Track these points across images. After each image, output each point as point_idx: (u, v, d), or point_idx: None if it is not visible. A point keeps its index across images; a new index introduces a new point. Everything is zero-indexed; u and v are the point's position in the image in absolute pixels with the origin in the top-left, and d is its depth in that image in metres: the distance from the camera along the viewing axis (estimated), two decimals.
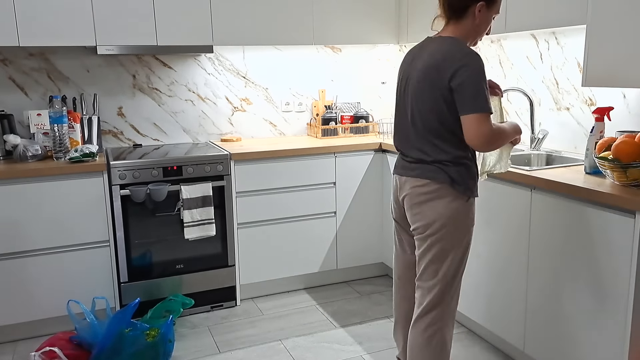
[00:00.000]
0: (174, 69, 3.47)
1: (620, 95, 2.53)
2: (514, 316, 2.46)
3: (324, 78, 3.84)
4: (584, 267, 2.09)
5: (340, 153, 3.32)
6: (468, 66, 1.85)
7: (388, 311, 3.11)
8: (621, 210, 1.93)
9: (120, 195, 2.87)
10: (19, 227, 2.72)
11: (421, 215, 2.00)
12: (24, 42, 2.80)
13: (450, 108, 1.90)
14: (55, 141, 2.90)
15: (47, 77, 3.20)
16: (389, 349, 2.71)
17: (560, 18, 2.42)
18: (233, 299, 3.22)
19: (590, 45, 2.18)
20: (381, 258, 3.56)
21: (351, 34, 3.50)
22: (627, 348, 1.95)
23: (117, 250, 2.92)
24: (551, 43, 2.86)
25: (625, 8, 2.04)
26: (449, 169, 1.94)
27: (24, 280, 2.76)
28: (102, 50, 2.94)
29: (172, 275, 3.05)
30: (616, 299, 1.97)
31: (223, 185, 3.07)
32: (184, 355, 2.69)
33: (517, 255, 2.41)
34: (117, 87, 3.35)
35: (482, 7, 1.92)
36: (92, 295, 2.73)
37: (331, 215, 3.38)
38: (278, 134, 3.79)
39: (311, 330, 2.93)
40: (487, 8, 1.94)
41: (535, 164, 2.84)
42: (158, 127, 3.49)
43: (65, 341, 2.42)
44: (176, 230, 3.01)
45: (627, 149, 2.02)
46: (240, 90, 3.64)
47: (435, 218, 1.97)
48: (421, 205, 2.00)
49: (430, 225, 1.98)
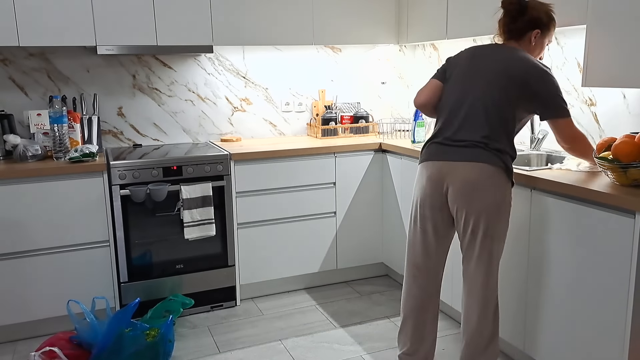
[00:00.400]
0: (174, 69, 3.47)
1: (620, 95, 2.53)
2: (514, 316, 2.46)
3: (323, 78, 3.84)
4: (583, 267, 2.09)
5: (340, 153, 3.32)
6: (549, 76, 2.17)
7: (388, 311, 3.11)
8: (621, 210, 1.93)
9: (120, 195, 2.87)
10: (19, 227, 2.72)
11: (479, 198, 2.11)
12: (24, 42, 2.80)
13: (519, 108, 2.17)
14: (55, 141, 2.90)
15: (47, 77, 3.20)
16: (389, 349, 2.71)
17: (560, 18, 2.41)
18: (233, 299, 3.22)
19: (590, 45, 2.18)
20: (381, 258, 3.56)
21: (351, 34, 3.50)
22: (627, 348, 1.95)
23: (117, 250, 2.92)
24: (551, 43, 2.86)
25: (625, 8, 2.04)
26: (504, 157, 2.13)
27: (23, 280, 2.76)
28: (102, 50, 2.94)
29: (172, 275, 3.05)
30: (616, 299, 1.97)
31: (223, 185, 3.07)
32: (184, 355, 2.69)
33: (517, 255, 2.40)
34: (117, 87, 3.35)
35: (537, 34, 2.25)
36: (92, 295, 2.73)
37: (331, 215, 3.38)
38: (278, 134, 3.79)
39: (311, 330, 2.93)
40: (542, 35, 2.26)
41: (535, 164, 2.84)
42: (158, 127, 3.49)
43: (65, 341, 2.42)
44: (176, 230, 3.01)
45: (626, 149, 2.02)
46: (240, 90, 3.65)
47: (491, 202, 2.11)
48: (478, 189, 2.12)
49: (485, 209, 2.11)
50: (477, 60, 2.24)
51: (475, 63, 2.23)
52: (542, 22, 2.23)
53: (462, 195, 2.12)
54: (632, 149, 2.01)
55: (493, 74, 2.16)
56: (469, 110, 2.15)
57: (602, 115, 2.63)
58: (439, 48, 3.73)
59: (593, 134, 2.69)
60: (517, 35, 2.24)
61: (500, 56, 2.20)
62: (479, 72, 2.19)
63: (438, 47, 3.73)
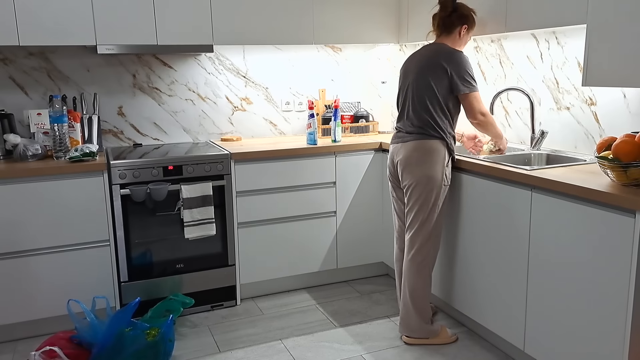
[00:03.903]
0: (174, 69, 3.47)
1: (620, 95, 2.53)
2: (514, 316, 2.46)
3: (324, 78, 3.84)
4: (584, 267, 2.09)
5: (340, 153, 3.32)
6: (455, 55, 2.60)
7: (388, 310, 3.11)
8: (621, 210, 1.93)
9: (121, 195, 2.87)
10: (19, 227, 2.72)
11: (411, 172, 2.66)
12: (24, 42, 2.80)
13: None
14: (56, 141, 2.90)
15: (47, 77, 3.20)
16: (389, 348, 2.71)
17: (560, 18, 2.42)
18: (233, 299, 3.22)
19: (590, 45, 2.18)
20: (381, 257, 3.56)
21: (351, 34, 3.50)
22: (627, 348, 1.95)
23: (117, 250, 2.92)
24: (551, 43, 2.86)
25: (625, 8, 2.04)
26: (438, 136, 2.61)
27: (24, 279, 2.76)
28: (102, 49, 2.94)
29: (172, 275, 3.05)
30: (616, 298, 1.97)
31: (223, 185, 3.07)
32: (184, 355, 2.69)
33: (517, 255, 2.41)
34: (117, 87, 3.35)
35: (465, 29, 2.68)
36: (93, 294, 2.74)
37: (331, 215, 3.38)
38: (278, 133, 3.79)
39: (311, 329, 2.93)
40: (467, 31, 2.69)
41: (535, 164, 2.84)
42: (158, 127, 3.49)
43: (66, 340, 2.42)
44: (176, 229, 3.01)
45: (627, 148, 2.02)
46: (241, 89, 3.64)
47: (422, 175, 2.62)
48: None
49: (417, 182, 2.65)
50: (411, 60, 2.72)
51: (409, 63, 2.72)
52: (470, 20, 2.68)
53: (402, 170, 2.66)
54: (632, 148, 2.01)
55: (419, 67, 2.64)
56: (406, 102, 2.69)
57: (602, 115, 2.63)
58: None
59: (593, 134, 2.69)
60: (448, 28, 2.66)
61: (426, 52, 2.67)
62: (411, 70, 2.68)
63: None
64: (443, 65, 2.55)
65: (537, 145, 2.88)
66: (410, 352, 2.67)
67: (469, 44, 3.44)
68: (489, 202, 2.53)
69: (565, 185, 2.12)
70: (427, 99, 2.59)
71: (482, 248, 2.60)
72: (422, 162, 2.58)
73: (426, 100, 2.59)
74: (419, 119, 2.62)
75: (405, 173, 2.63)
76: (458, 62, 2.56)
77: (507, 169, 2.40)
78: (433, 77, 2.57)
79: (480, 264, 2.63)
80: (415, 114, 2.63)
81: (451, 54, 2.58)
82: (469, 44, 3.44)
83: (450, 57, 2.57)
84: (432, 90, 2.58)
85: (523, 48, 3.04)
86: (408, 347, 2.71)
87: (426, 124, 2.60)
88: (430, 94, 2.59)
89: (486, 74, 3.33)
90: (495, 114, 3.23)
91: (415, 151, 2.59)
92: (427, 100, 2.59)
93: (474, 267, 2.67)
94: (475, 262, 2.66)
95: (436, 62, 2.57)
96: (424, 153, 2.58)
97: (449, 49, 2.61)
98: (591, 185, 2.05)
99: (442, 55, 2.58)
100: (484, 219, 2.57)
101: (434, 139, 2.58)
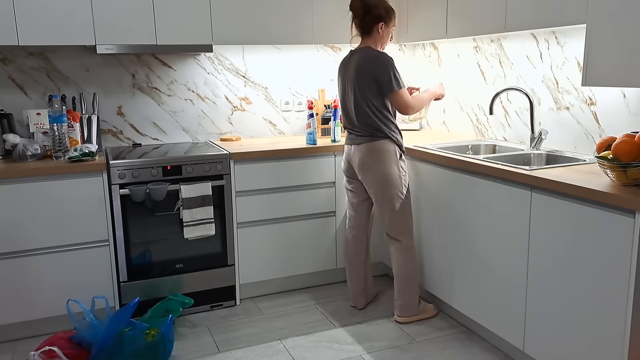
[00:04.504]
0: (173, 68, 3.46)
1: (620, 95, 2.53)
2: (514, 316, 2.46)
3: (323, 77, 3.84)
4: (583, 267, 2.09)
5: (340, 152, 3.32)
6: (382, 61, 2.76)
7: (388, 310, 3.11)
8: (621, 210, 1.93)
9: (120, 195, 2.86)
10: (18, 227, 2.72)
11: (368, 173, 2.88)
12: (23, 42, 2.79)
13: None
14: (55, 140, 2.90)
15: (46, 77, 3.20)
16: (388, 348, 2.71)
17: (560, 18, 2.42)
18: (233, 299, 3.22)
19: (590, 45, 2.18)
20: (381, 258, 3.56)
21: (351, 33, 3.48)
22: (627, 348, 1.95)
23: (116, 250, 2.92)
24: (551, 42, 2.86)
25: (625, 8, 2.04)
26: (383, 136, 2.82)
27: (23, 279, 2.76)
28: (102, 49, 2.94)
29: (171, 275, 3.05)
30: (616, 299, 1.97)
31: (223, 185, 3.07)
32: (184, 355, 2.69)
33: (517, 255, 2.41)
34: (116, 87, 3.35)
35: (383, 26, 2.81)
36: (92, 294, 2.73)
37: (331, 215, 3.38)
38: (278, 133, 3.79)
39: (311, 329, 2.93)
40: (386, 25, 2.82)
41: (535, 164, 2.84)
42: (157, 127, 3.49)
43: (65, 340, 2.42)
44: (176, 229, 3.01)
45: (626, 148, 2.02)
46: (240, 89, 3.64)
47: (380, 175, 2.86)
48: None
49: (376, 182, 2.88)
50: (344, 68, 2.89)
51: (343, 72, 2.89)
52: (383, 16, 2.80)
53: (360, 173, 2.86)
54: (632, 148, 2.01)
55: (351, 78, 2.81)
56: (348, 110, 2.86)
57: (602, 115, 2.63)
58: (438, 47, 3.73)
59: (593, 134, 2.69)
60: (367, 30, 2.82)
61: (354, 62, 2.80)
62: (347, 80, 2.84)
63: (438, 47, 3.73)
64: (370, 73, 2.73)
65: (536, 145, 2.88)
66: (409, 352, 2.67)
67: (469, 44, 3.45)
68: (489, 202, 2.53)
69: (564, 185, 2.12)
70: (366, 108, 2.77)
71: (482, 248, 2.60)
72: (378, 163, 2.78)
73: (366, 109, 2.77)
74: (364, 125, 2.80)
75: (365, 175, 2.84)
76: (381, 66, 2.72)
77: (507, 169, 2.40)
78: (365, 86, 2.75)
79: (480, 264, 2.63)
80: (359, 121, 2.81)
81: (374, 59, 2.75)
82: (469, 44, 3.45)
83: (374, 64, 2.73)
84: (367, 99, 2.76)
85: (523, 48, 3.04)
86: (407, 347, 2.71)
87: (372, 128, 2.79)
88: (367, 103, 2.77)
89: (486, 74, 3.33)
90: (495, 113, 3.24)
91: (369, 154, 2.80)
92: (367, 109, 2.77)
93: (474, 267, 2.67)
94: (475, 262, 2.66)
95: (364, 71, 2.75)
96: (377, 154, 2.78)
97: (371, 55, 2.77)
98: (591, 185, 2.05)
99: (367, 63, 2.75)
100: (483, 219, 2.57)
101: (382, 139, 2.78)
